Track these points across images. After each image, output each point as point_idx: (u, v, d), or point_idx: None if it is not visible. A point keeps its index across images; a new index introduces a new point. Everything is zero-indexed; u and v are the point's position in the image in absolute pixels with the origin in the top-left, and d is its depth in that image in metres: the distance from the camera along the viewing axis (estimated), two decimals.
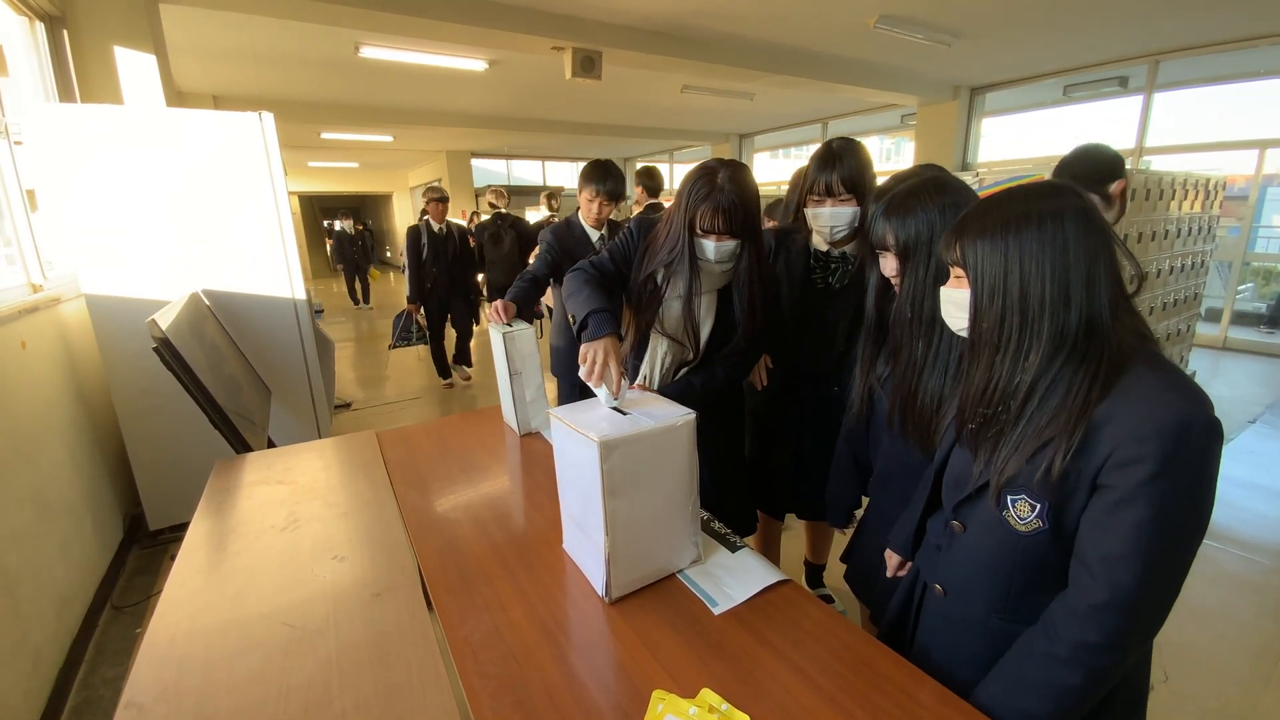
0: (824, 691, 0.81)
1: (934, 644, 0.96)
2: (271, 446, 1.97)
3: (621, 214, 2.61)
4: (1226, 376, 5.13)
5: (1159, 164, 5.87)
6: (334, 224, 14.63)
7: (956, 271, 0.84)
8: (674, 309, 1.45)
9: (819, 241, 1.63)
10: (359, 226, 10.57)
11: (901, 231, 1.08)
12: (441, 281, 4.66)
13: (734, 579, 1.05)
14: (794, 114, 8.88)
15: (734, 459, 1.71)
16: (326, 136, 9.10)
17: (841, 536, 2.19)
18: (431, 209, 4.55)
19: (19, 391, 1.97)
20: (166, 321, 1.72)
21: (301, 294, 2.80)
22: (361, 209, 17.60)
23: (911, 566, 1.09)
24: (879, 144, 9.61)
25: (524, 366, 1.65)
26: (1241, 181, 5.93)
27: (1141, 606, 0.72)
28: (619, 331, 1.29)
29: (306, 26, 4.22)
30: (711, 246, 1.36)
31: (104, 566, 2.33)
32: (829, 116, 8.91)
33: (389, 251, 17.88)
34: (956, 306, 0.85)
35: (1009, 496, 0.80)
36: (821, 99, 7.42)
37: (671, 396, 1.12)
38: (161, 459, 2.57)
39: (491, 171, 12.39)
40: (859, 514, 1.47)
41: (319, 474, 1.50)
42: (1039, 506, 0.78)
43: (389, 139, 9.72)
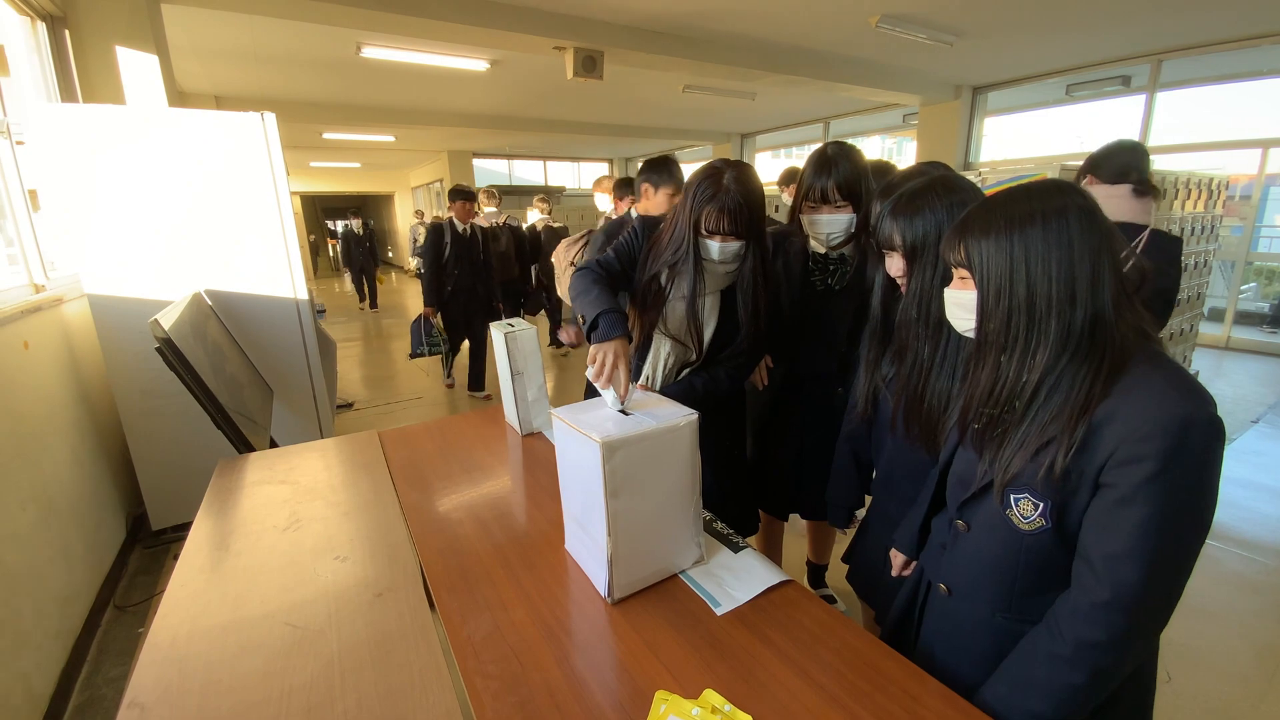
0: (827, 692, 0.81)
1: (938, 644, 0.96)
2: (274, 446, 1.97)
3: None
4: (1229, 376, 5.11)
5: (1162, 163, 5.82)
6: (337, 224, 14.60)
7: (960, 272, 0.83)
8: (678, 309, 1.45)
9: (817, 245, 1.63)
10: (364, 225, 10.53)
11: (909, 232, 1.07)
12: (463, 286, 4.36)
13: (736, 579, 1.05)
14: (796, 113, 8.88)
15: (736, 459, 1.71)
16: (328, 136, 9.12)
17: (843, 537, 2.19)
18: (456, 208, 4.24)
19: (22, 392, 1.97)
20: (169, 321, 1.72)
21: (304, 294, 2.80)
22: (363, 209, 17.61)
23: (916, 566, 1.09)
24: (881, 143, 9.60)
25: (526, 366, 1.65)
26: (1244, 181, 5.92)
27: (1144, 605, 0.71)
28: (629, 334, 1.28)
29: (308, 27, 4.23)
30: (716, 247, 1.36)
31: (107, 566, 2.34)
32: (830, 116, 8.91)
33: (390, 251, 17.91)
34: (961, 308, 0.84)
35: (1012, 495, 0.80)
36: (823, 98, 7.42)
37: (673, 397, 1.12)
38: (164, 459, 2.57)
39: (493, 171, 12.39)
40: (860, 514, 1.47)
41: (321, 474, 1.50)
42: (1042, 505, 0.77)
43: (390, 139, 9.75)
